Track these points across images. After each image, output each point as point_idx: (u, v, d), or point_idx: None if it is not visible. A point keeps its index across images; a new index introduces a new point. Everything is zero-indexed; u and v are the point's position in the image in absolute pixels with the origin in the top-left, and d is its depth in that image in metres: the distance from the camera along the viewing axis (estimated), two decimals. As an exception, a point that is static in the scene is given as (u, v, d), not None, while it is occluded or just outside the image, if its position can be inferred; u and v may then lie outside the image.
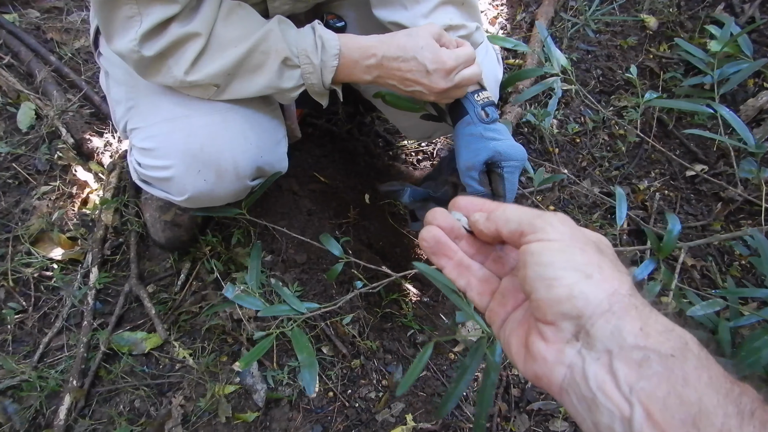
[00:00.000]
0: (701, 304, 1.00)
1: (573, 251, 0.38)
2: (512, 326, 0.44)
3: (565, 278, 0.37)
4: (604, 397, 0.34)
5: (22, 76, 1.58)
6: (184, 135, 0.97)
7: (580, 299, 0.36)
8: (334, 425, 1.22)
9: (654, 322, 0.35)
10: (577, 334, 0.37)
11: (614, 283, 0.37)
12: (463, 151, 1.03)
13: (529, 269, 0.39)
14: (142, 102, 1.03)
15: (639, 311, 0.36)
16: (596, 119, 1.89)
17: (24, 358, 1.21)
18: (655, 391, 0.32)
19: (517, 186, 1.05)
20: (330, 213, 1.51)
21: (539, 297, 0.38)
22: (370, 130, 1.75)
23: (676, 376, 0.32)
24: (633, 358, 0.34)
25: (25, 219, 1.35)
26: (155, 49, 0.86)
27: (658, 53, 2.02)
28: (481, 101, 1.02)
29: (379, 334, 1.38)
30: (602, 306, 0.36)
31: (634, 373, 0.33)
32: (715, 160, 1.79)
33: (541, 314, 0.38)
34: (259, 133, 1.04)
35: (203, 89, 0.95)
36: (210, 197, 1.04)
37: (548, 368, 0.38)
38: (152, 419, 1.17)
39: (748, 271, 1.60)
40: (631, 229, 1.66)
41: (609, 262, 0.39)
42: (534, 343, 0.39)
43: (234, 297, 1.00)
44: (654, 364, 0.33)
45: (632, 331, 0.35)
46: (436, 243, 0.48)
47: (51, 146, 1.46)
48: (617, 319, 0.35)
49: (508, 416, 1.31)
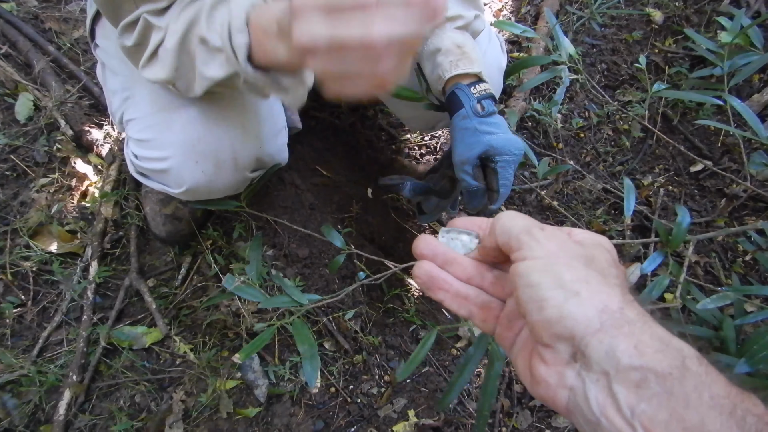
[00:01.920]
0: (711, 298, 0.99)
1: (559, 269, 0.37)
2: (519, 347, 0.43)
3: (554, 298, 0.36)
4: (606, 421, 0.33)
5: (20, 67, 1.56)
6: (181, 125, 0.95)
7: (569, 320, 0.35)
8: (335, 421, 1.21)
9: (649, 338, 0.34)
10: (574, 355, 0.36)
11: (602, 297, 0.36)
12: (457, 145, 1.02)
13: (519, 291, 0.38)
14: (139, 92, 1.01)
15: (632, 326, 0.34)
16: (601, 114, 1.88)
17: (23, 352, 1.19)
18: (656, 415, 0.31)
19: (513, 181, 1.04)
20: (332, 207, 1.50)
21: (533, 319, 0.37)
22: (373, 124, 1.74)
23: (675, 397, 0.31)
24: (631, 379, 0.33)
25: (23, 212, 1.34)
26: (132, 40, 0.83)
27: (663, 48, 2.00)
28: (478, 94, 1.00)
29: (381, 329, 1.37)
30: (593, 324, 0.35)
31: (633, 395, 0.32)
32: (720, 155, 1.78)
33: (538, 336, 0.37)
34: (258, 123, 1.02)
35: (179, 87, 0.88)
36: (208, 189, 1.02)
37: (552, 391, 0.37)
38: (153, 414, 1.17)
39: (752, 267, 1.60)
40: (635, 225, 1.65)
41: (597, 274, 0.37)
42: (536, 366, 0.38)
43: (234, 288, 0.98)
44: (652, 384, 0.32)
45: (626, 351, 0.33)
46: (430, 279, 0.46)
47: (50, 138, 1.44)
48: (610, 338, 0.34)
49: (510, 412, 1.31)
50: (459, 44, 1.01)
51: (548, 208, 1.68)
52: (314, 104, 1.66)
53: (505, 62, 1.23)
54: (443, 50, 1.01)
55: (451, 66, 1.01)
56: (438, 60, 1.02)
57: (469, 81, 1.01)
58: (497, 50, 1.21)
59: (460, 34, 1.03)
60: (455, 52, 1.00)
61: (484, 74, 1.02)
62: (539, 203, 1.69)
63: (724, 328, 1.08)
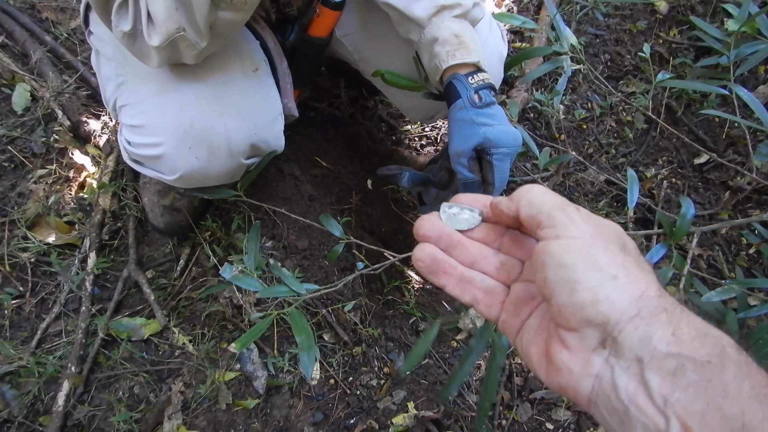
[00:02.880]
0: (716, 291, 0.97)
1: (596, 251, 0.35)
2: (529, 335, 0.40)
3: (589, 281, 0.34)
4: (636, 410, 0.32)
5: (17, 57, 1.55)
6: (175, 111, 0.94)
7: (605, 304, 0.33)
8: (335, 412, 1.21)
9: (686, 326, 0.32)
10: (604, 342, 0.34)
11: (641, 284, 0.34)
12: (453, 137, 1.01)
13: (548, 271, 0.35)
14: (132, 78, 1.00)
15: (669, 314, 0.33)
16: (603, 105, 1.86)
17: (22, 343, 1.19)
18: (692, 404, 0.30)
19: (509, 173, 1.03)
20: (332, 198, 1.49)
21: (561, 302, 0.35)
22: (373, 115, 1.72)
23: (714, 386, 0.30)
24: (666, 367, 0.31)
25: (21, 203, 1.33)
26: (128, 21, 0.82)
27: (668, 38, 1.98)
28: (476, 84, 0.98)
29: (380, 321, 1.37)
30: (630, 311, 0.33)
31: (668, 383, 0.31)
32: (724, 147, 1.76)
33: (564, 321, 0.35)
34: (253, 108, 1.01)
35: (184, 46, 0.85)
36: (203, 176, 1.01)
37: (574, 379, 0.35)
38: (152, 405, 1.16)
39: (755, 261, 1.58)
40: (638, 218, 1.64)
41: (634, 261, 0.35)
42: (557, 353, 0.36)
43: (232, 278, 0.97)
44: (689, 373, 0.31)
45: (663, 338, 0.32)
46: (434, 262, 0.43)
47: (47, 129, 1.43)
48: (646, 325, 0.32)
49: (510, 405, 1.30)
50: (457, 34, 0.99)
51: (550, 200, 1.67)
52: (313, 95, 1.64)
53: (506, 51, 1.22)
54: (440, 40, 1.00)
55: (447, 56, 0.99)
56: (435, 50, 1.01)
57: (467, 71, 0.99)
58: (498, 39, 1.20)
59: (459, 22, 1.01)
60: (452, 42, 0.99)
61: (483, 63, 1.01)
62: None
63: (728, 321, 1.06)
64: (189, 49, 0.86)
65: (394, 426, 1.21)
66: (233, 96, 0.97)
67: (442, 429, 1.23)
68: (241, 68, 1.00)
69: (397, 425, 1.21)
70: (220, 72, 0.96)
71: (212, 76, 0.96)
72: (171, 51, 0.86)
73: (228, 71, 0.97)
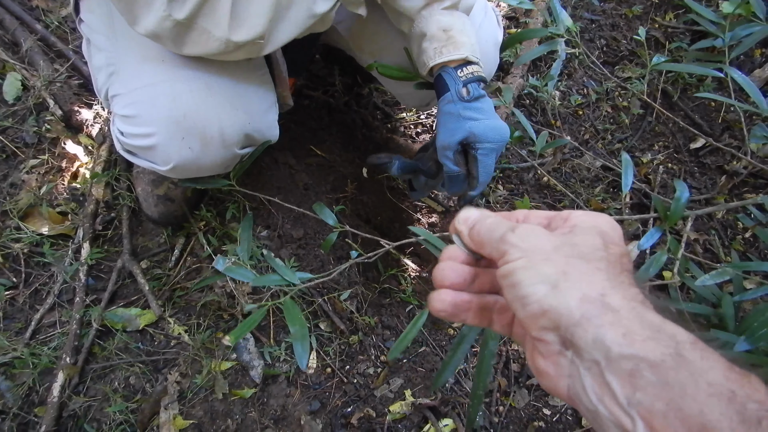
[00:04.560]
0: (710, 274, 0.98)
1: (537, 263, 0.37)
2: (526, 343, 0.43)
3: (534, 294, 0.36)
4: (605, 410, 0.32)
5: (7, 45, 1.53)
6: (167, 100, 0.92)
7: (551, 312, 0.35)
8: (332, 401, 1.21)
9: (638, 326, 0.33)
10: (565, 344, 0.35)
11: (581, 286, 0.35)
12: (440, 130, 1.01)
13: (505, 292, 0.38)
14: (124, 67, 0.98)
15: (616, 314, 0.33)
16: (599, 91, 1.85)
17: (16, 335, 1.18)
18: (653, 404, 0.30)
19: (494, 168, 1.03)
20: (327, 187, 1.48)
21: (520, 317, 0.37)
22: (368, 103, 1.71)
23: (671, 386, 0.30)
24: (623, 368, 0.32)
25: (13, 193, 1.32)
26: (187, 9, 0.79)
27: (663, 23, 1.96)
28: (464, 77, 0.98)
29: (377, 309, 1.36)
30: (573, 315, 0.34)
31: (628, 385, 0.31)
32: (720, 132, 1.75)
33: (528, 332, 0.38)
34: (246, 99, 1.00)
35: (250, 47, 0.86)
36: (197, 166, 1.00)
37: (553, 382, 0.37)
38: (148, 396, 1.16)
39: (751, 245, 1.58)
40: (634, 203, 1.63)
41: (580, 262, 0.36)
42: (535, 359, 0.38)
43: (225, 269, 0.97)
44: (645, 373, 0.31)
45: (615, 339, 0.32)
46: (454, 308, 0.45)
47: (39, 118, 1.42)
48: (595, 327, 0.33)
49: (507, 391, 1.30)
50: (445, 28, 0.98)
51: (546, 187, 1.66)
52: (308, 83, 1.63)
53: (501, 37, 1.21)
54: (428, 36, 0.99)
55: (435, 53, 0.99)
56: (423, 46, 1.00)
57: (456, 64, 0.99)
58: (493, 24, 1.18)
59: (449, 14, 1.00)
60: (440, 38, 0.98)
61: (475, 56, 1.00)
62: (537, 182, 1.67)
63: (723, 305, 1.06)
64: (248, 53, 0.87)
65: (392, 413, 1.21)
66: (226, 86, 0.96)
67: (440, 416, 1.24)
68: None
69: (395, 413, 1.21)
70: (213, 62, 0.95)
71: (205, 66, 0.95)
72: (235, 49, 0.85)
73: (221, 60, 0.96)
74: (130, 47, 0.94)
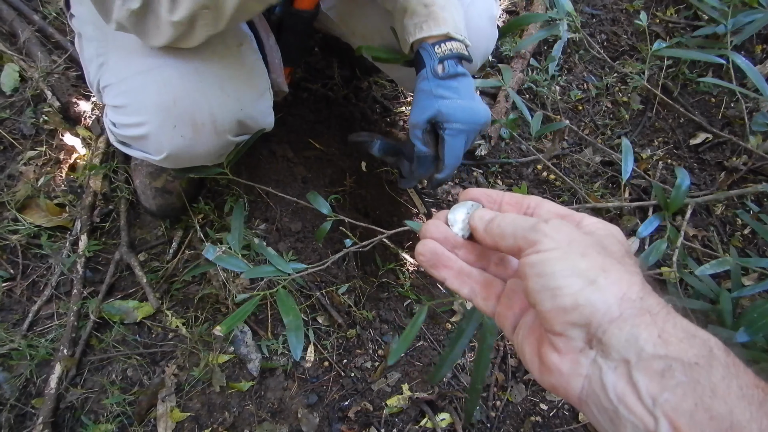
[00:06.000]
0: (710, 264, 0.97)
1: (574, 257, 0.36)
2: (524, 332, 0.41)
3: (569, 286, 0.35)
4: (626, 409, 0.32)
5: (5, 37, 1.52)
6: (157, 88, 0.91)
7: (586, 307, 0.34)
8: (329, 394, 1.21)
9: (672, 327, 0.33)
10: (590, 342, 0.35)
11: (622, 285, 0.35)
12: (413, 107, 0.99)
13: (530, 281, 0.37)
14: (113, 57, 0.97)
15: (654, 316, 0.33)
16: (600, 86, 1.84)
17: (13, 326, 1.18)
18: (680, 404, 0.30)
19: (463, 151, 0.99)
20: (325, 180, 1.47)
21: (544, 309, 0.36)
22: (367, 96, 1.70)
23: (702, 386, 0.30)
24: (654, 367, 0.31)
25: (11, 185, 1.31)
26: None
27: (665, 17, 1.96)
28: (441, 54, 0.95)
29: (375, 303, 1.36)
30: (611, 313, 0.34)
31: (657, 384, 0.31)
32: (720, 128, 1.75)
33: (549, 326, 0.36)
34: (237, 84, 0.98)
35: (203, 22, 0.83)
36: (190, 155, 0.98)
37: (564, 380, 0.36)
38: (145, 388, 1.16)
39: (750, 241, 1.58)
40: (633, 198, 1.63)
41: (615, 262, 0.36)
42: (547, 355, 0.37)
43: (215, 258, 0.96)
44: (677, 373, 0.31)
45: (650, 339, 0.32)
46: (433, 255, 0.46)
47: (36, 110, 1.41)
48: (631, 327, 0.33)
49: (505, 386, 1.30)
50: (426, 3, 0.96)
51: (545, 182, 1.66)
52: (306, 75, 1.62)
53: (497, 11, 1.17)
54: (409, 11, 0.97)
55: (415, 29, 0.97)
56: (405, 22, 0.99)
57: (435, 40, 0.97)
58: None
59: None
60: (421, 13, 0.96)
61: (458, 33, 0.97)
62: (536, 177, 1.67)
63: (721, 300, 1.06)
64: (204, 28, 0.84)
65: (389, 407, 1.21)
66: (216, 71, 0.94)
67: (437, 410, 1.24)
68: (223, 43, 0.97)
69: (392, 407, 1.21)
70: (203, 48, 0.93)
71: (194, 53, 0.93)
72: (187, 27, 0.83)
73: (210, 47, 0.94)
74: (119, 37, 0.93)
